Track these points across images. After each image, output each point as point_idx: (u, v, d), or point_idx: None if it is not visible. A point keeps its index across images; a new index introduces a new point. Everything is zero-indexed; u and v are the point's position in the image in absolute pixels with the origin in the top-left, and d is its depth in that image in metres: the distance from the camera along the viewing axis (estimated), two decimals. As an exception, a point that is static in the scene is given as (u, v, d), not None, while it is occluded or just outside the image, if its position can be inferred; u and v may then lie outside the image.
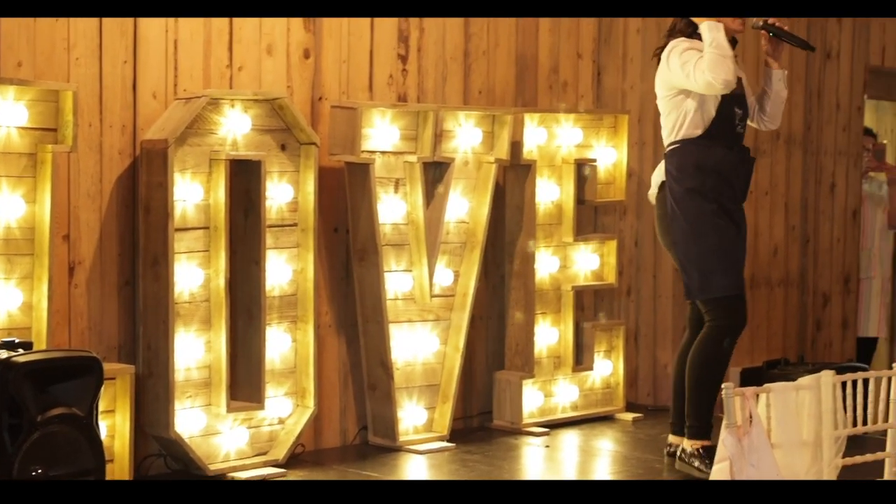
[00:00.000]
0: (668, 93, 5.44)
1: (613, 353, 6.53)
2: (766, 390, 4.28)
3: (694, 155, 5.40)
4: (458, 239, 5.90)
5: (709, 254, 5.41)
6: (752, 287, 7.40)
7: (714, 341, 5.42)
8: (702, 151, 5.39)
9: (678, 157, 5.44)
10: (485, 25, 6.15)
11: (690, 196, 5.40)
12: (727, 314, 5.47)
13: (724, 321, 5.46)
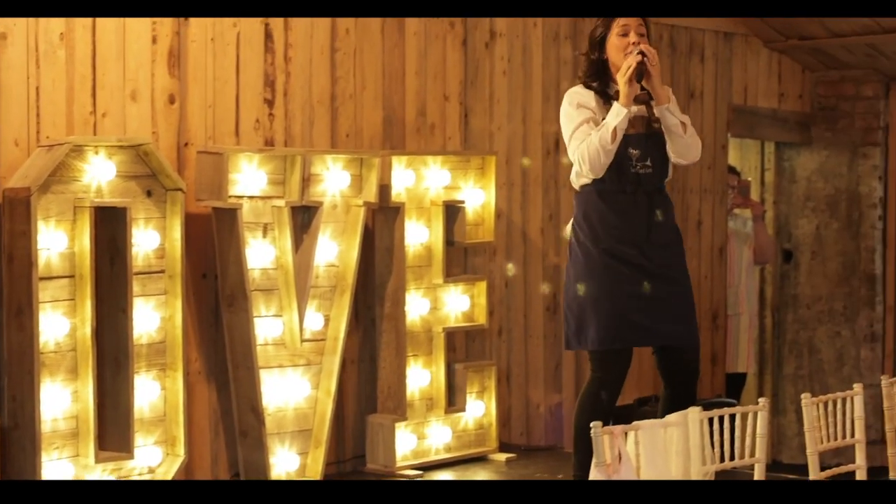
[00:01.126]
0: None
1: (486, 394, 6.65)
2: (634, 428, 4.41)
3: (587, 202, 5.43)
4: (328, 283, 5.99)
5: (588, 304, 5.41)
6: (622, 325, 7.59)
7: (591, 394, 5.44)
8: (590, 198, 5.42)
9: (575, 204, 5.53)
10: (351, 69, 6.27)
11: (578, 242, 5.46)
12: (600, 367, 5.47)
13: (598, 373, 5.48)
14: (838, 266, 8.71)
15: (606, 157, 5.30)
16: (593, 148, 5.28)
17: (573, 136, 5.36)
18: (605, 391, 5.46)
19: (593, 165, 5.29)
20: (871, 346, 8.62)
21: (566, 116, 5.43)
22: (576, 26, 7.27)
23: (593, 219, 5.44)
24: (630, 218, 5.45)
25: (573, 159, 5.37)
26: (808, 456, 5.06)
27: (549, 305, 7.21)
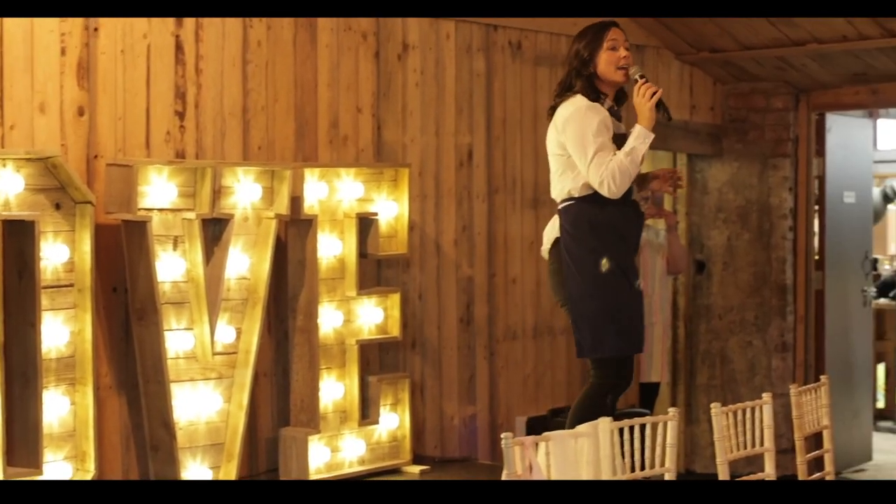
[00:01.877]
0: (560, 152, 5.63)
1: (399, 406, 6.71)
2: (545, 439, 4.49)
3: (588, 213, 5.59)
4: (240, 295, 6.02)
5: (603, 313, 5.59)
6: (536, 336, 7.69)
7: (598, 397, 5.57)
8: (596, 209, 5.58)
9: (572, 215, 5.63)
10: (263, 81, 6.31)
11: (586, 254, 5.60)
12: (616, 373, 5.67)
13: (612, 380, 5.66)
14: (750, 276, 8.86)
15: (631, 180, 5.53)
16: (625, 170, 5.48)
17: (597, 155, 5.48)
18: (612, 395, 5.64)
19: (621, 187, 5.49)
20: (783, 355, 8.78)
21: (590, 134, 5.52)
22: (488, 37, 7.36)
23: (600, 227, 5.59)
24: (630, 228, 5.69)
25: (598, 180, 5.48)
26: (718, 465, 5.18)
27: (463, 317, 7.28)
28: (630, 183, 5.53)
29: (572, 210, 5.64)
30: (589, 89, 5.63)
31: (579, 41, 5.73)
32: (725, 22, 7.87)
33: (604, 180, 5.46)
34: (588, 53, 5.65)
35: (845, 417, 9.14)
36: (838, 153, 9.08)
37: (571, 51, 5.75)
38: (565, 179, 5.65)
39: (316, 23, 6.52)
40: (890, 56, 7.98)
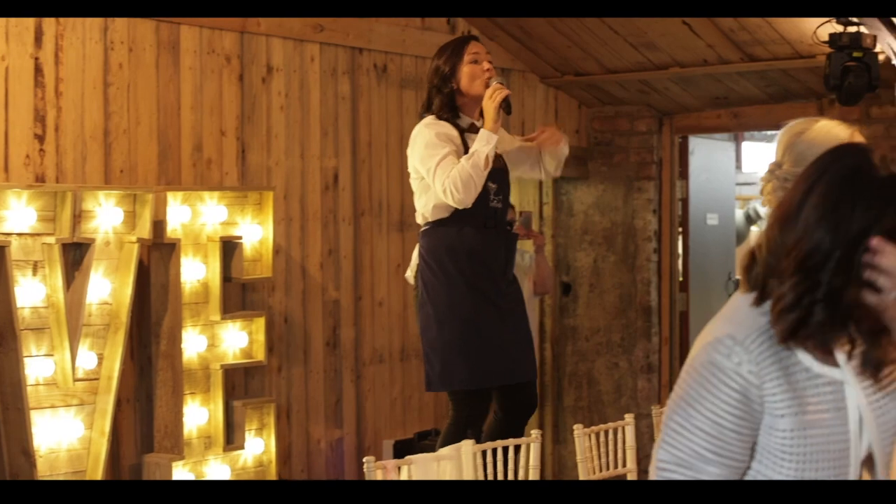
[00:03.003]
0: (416, 175, 5.63)
1: (265, 431, 6.76)
2: (407, 462, 4.59)
3: (443, 237, 5.53)
4: (102, 321, 6.02)
5: (452, 343, 5.53)
6: (403, 359, 7.79)
7: (455, 435, 5.49)
8: (452, 233, 5.52)
9: (428, 240, 5.57)
10: (125, 103, 6.33)
11: (439, 281, 5.52)
12: (467, 406, 5.62)
13: (465, 412, 5.63)
14: (615, 298, 9.05)
15: (479, 185, 5.41)
16: (466, 174, 5.36)
17: (439, 166, 5.42)
18: (472, 429, 5.56)
19: (468, 192, 5.37)
20: (648, 376, 8.97)
21: (428, 148, 5.48)
22: (354, 60, 7.46)
23: (458, 253, 5.54)
24: (493, 252, 5.61)
25: (442, 188, 5.41)
26: (581, 485, 5.32)
27: (329, 341, 7.35)
28: (478, 189, 5.44)
29: (428, 235, 5.63)
30: (448, 106, 5.65)
31: (438, 57, 5.73)
32: (589, 46, 8.07)
33: (447, 188, 5.40)
34: (449, 69, 5.65)
35: (710, 437, 9.36)
36: (701, 175, 9.32)
37: (431, 68, 5.77)
38: (420, 203, 5.66)
39: (178, 45, 6.57)
40: (750, 80, 8.23)
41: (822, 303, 2.45)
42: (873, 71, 7.00)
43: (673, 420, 2.54)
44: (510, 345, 5.68)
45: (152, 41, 6.45)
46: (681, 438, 2.52)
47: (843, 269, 2.43)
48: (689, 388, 2.53)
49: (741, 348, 2.50)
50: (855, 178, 2.46)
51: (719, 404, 2.49)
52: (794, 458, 2.52)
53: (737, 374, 2.48)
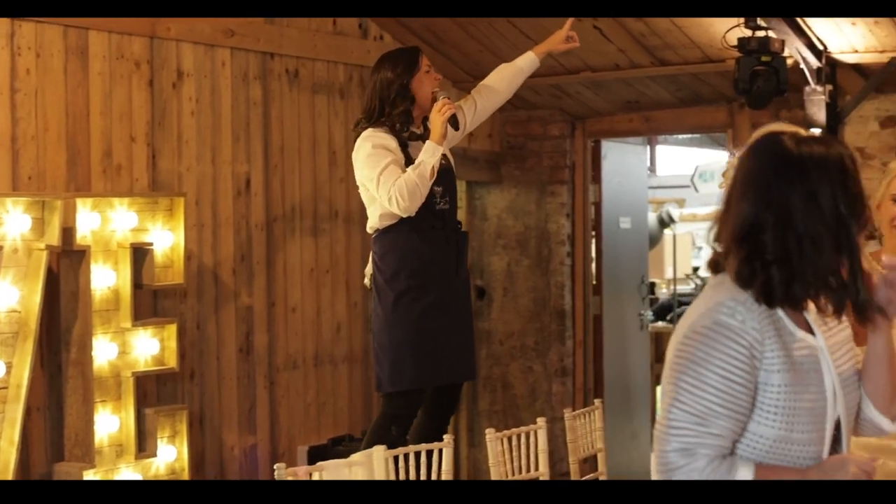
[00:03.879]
0: (362, 184, 5.78)
1: (177, 439, 6.77)
2: (318, 469, 4.64)
3: (392, 242, 5.71)
4: (10, 329, 6.01)
5: (401, 344, 5.69)
6: (317, 365, 7.83)
7: (381, 429, 5.64)
8: (400, 238, 5.70)
9: (379, 244, 5.75)
10: (32, 109, 6.32)
11: (390, 283, 5.70)
12: (404, 405, 5.76)
13: (399, 411, 5.75)
14: (529, 302, 9.14)
15: (424, 194, 5.62)
16: (412, 183, 5.55)
17: (382, 175, 5.61)
18: (396, 427, 5.71)
19: (413, 201, 5.58)
20: (563, 380, 9.08)
21: (370, 157, 5.67)
22: (265, 65, 7.49)
23: (407, 256, 5.71)
24: (443, 254, 5.79)
25: (387, 196, 5.60)
26: (493, 489, 5.39)
27: (242, 347, 7.38)
28: (422, 197, 5.64)
29: (378, 240, 5.83)
30: (403, 117, 5.80)
31: (393, 67, 5.87)
32: (501, 50, 8.14)
33: (392, 196, 5.59)
34: (408, 78, 5.83)
35: (624, 439, 9.50)
36: (614, 179, 9.44)
37: (382, 77, 5.88)
38: (371, 210, 5.85)
39: (87, 50, 6.57)
40: (661, 84, 8.36)
41: (776, 265, 2.79)
42: (782, 75, 7.15)
43: (683, 381, 2.80)
44: (458, 344, 5.89)
45: (60, 46, 6.45)
46: (693, 397, 2.77)
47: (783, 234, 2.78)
48: (696, 350, 2.80)
49: (744, 308, 2.81)
50: (770, 156, 2.85)
51: (729, 360, 2.77)
52: (784, 413, 2.81)
53: (743, 330, 2.79)
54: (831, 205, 2.79)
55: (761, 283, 2.81)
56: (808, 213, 2.79)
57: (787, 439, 2.82)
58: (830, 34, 7.30)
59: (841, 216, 2.80)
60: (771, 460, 2.83)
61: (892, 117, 7.98)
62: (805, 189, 2.79)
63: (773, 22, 7.00)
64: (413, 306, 5.71)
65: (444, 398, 5.96)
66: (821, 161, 2.82)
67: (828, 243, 2.79)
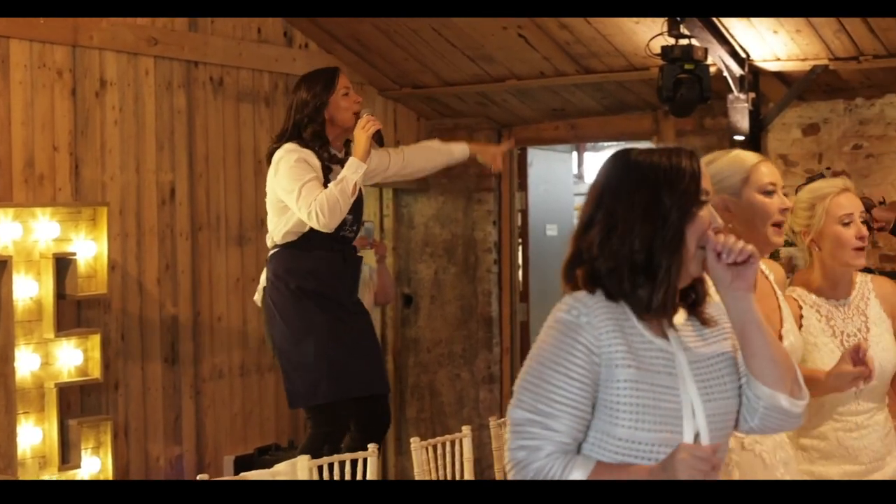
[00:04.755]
0: (273, 198, 5.79)
1: (101, 450, 6.76)
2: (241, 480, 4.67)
3: (291, 260, 5.75)
4: (-69, 341, 5.99)
5: (314, 360, 5.73)
6: (243, 374, 7.84)
7: (315, 449, 5.63)
8: (299, 257, 5.76)
9: (276, 263, 5.78)
10: (-47, 119, 6.31)
11: (291, 302, 5.73)
12: (329, 421, 5.78)
13: (325, 428, 5.77)
14: (457, 309, 9.20)
15: (345, 211, 5.67)
16: (334, 199, 5.60)
17: (304, 188, 5.64)
18: (328, 445, 5.70)
19: (333, 216, 5.61)
20: (490, 387, 9.13)
21: (292, 169, 5.69)
22: (189, 74, 7.50)
23: (306, 275, 5.76)
24: (340, 276, 5.86)
25: (307, 211, 5.63)
26: (419, 497, 5.43)
27: (168, 357, 7.38)
28: (343, 214, 5.69)
29: (277, 257, 5.85)
30: (318, 135, 5.84)
31: (310, 88, 5.93)
32: (426, 58, 8.21)
33: (312, 210, 5.62)
34: (322, 100, 5.87)
35: (552, 446, 9.55)
36: (540, 187, 9.51)
37: (298, 98, 5.94)
38: (273, 225, 5.87)
39: (8, 59, 6.56)
40: (586, 92, 8.45)
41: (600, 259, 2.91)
42: (705, 83, 7.24)
43: (524, 380, 2.89)
44: (365, 358, 5.94)
45: (-19, 55, 6.44)
46: (531, 395, 2.85)
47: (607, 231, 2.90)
48: (539, 349, 2.89)
49: (581, 304, 2.89)
50: (611, 167, 3.00)
51: (565, 356, 2.84)
52: (629, 410, 2.86)
53: (578, 325, 2.86)
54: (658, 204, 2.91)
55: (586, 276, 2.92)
56: (632, 212, 2.91)
57: (634, 438, 2.86)
58: (753, 42, 7.42)
59: (667, 216, 2.92)
60: (623, 461, 2.88)
61: (815, 125, 8.11)
62: (634, 187, 2.92)
63: (696, 30, 7.11)
64: (316, 322, 5.79)
65: (370, 411, 6.00)
66: (656, 165, 2.95)
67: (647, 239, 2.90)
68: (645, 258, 2.90)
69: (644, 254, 2.90)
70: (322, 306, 5.80)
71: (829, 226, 4.32)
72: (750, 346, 3.02)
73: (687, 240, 2.93)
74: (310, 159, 5.78)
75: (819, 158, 8.12)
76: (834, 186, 4.38)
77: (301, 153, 5.77)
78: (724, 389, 3.01)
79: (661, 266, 2.90)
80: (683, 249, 2.93)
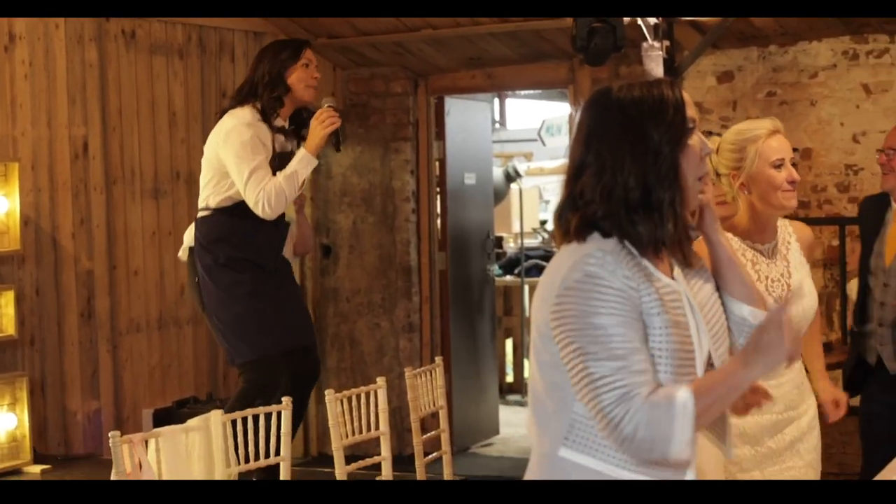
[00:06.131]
0: (215, 159, 5.80)
1: (18, 406, 6.78)
2: (154, 435, 4.67)
3: (223, 228, 5.81)
4: None
5: (243, 318, 5.83)
6: (161, 327, 7.86)
7: (245, 404, 5.69)
8: (232, 225, 5.83)
9: (208, 228, 5.82)
10: None
11: (219, 264, 5.79)
12: (260, 375, 5.85)
13: (256, 382, 5.84)
14: (376, 259, 9.25)
15: (290, 202, 5.81)
16: (281, 192, 5.72)
17: (253, 175, 5.70)
18: (261, 399, 5.71)
19: (279, 208, 5.76)
20: (410, 336, 9.21)
21: (244, 150, 5.73)
22: (100, 27, 7.47)
23: (234, 239, 5.85)
24: (267, 240, 5.95)
25: (254, 200, 5.71)
26: (334, 451, 5.48)
27: (84, 311, 7.39)
28: (286, 206, 5.82)
29: (207, 221, 5.90)
30: (273, 103, 5.87)
31: (276, 54, 5.96)
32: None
33: (259, 201, 5.71)
34: (284, 69, 5.91)
35: (473, 393, 9.67)
36: (458, 136, 9.55)
37: (263, 63, 5.96)
38: (208, 189, 5.90)
39: (-86, 15, 6.51)
40: (502, 41, 8.49)
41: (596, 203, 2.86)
42: (618, 31, 7.28)
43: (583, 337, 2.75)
44: (293, 311, 6.07)
45: None
46: (600, 346, 2.74)
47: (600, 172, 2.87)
48: (577, 305, 2.77)
49: (611, 257, 2.81)
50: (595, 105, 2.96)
51: (614, 303, 2.76)
52: (668, 356, 2.80)
53: (615, 277, 2.79)
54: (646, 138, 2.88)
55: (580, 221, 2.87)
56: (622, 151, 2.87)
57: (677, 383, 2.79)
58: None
59: (658, 150, 2.88)
60: None
61: (729, 72, 8.21)
62: (620, 125, 2.89)
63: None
64: (243, 281, 5.88)
65: (301, 363, 6.09)
66: (638, 99, 2.91)
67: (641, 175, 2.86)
68: (641, 195, 2.85)
69: (640, 190, 2.85)
70: (248, 269, 5.90)
71: (762, 169, 4.25)
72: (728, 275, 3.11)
73: (683, 170, 2.90)
74: (262, 136, 5.81)
75: (734, 106, 8.24)
76: (764, 129, 4.32)
77: (255, 128, 5.80)
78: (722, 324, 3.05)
79: (662, 200, 2.86)
80: (681, 180, 2.90)
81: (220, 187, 5.88)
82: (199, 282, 5.92)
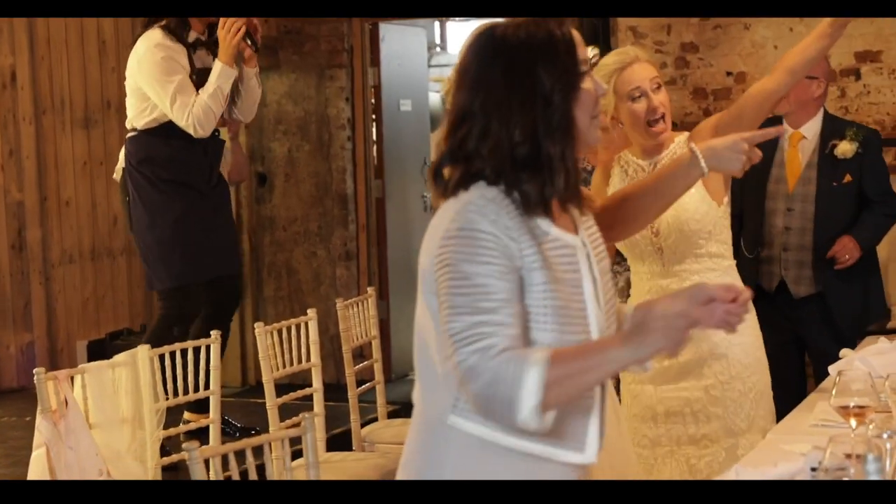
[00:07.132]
0: (134, 85, 5.77)
1: (-52, 340, 6.78)
2: (80, 371, 4.66)
3: (151, 146, 5.80)
4: None
5: (167, 244, 5.81)
6: (94, 258, 7.84)
7: (161, 330, 5.72)
8: (160, 143, 5.80)
9: (135, 147, 5.79)
10: None
11: (149, 184, 5.77)
12: (178, 303, 5.86)
13: (174, 310, 5.85)
14: (312, 187, 9.22)
15: (218, 117, 5.82)
16: (208, 110, 5.72)
17: (177, 97, 5.68)
18: (178, 326, 5.81)
19: (209, 127, 5.78)
20: (347, 264, 9.21)
21: (161, 74, 5.71)
22: (27, -45, 7.37)
23: (164, 160, 5.84)
24: (198, 160, 5.94)
25: (185, 122, 5.71)
26: (265, 383, 5.48)
27: (14, 243, 7.35)
28: (216, 121, 5.83)
29: (136, 141, 5.88)
30: (178, 21, 5.83)
31: None
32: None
33: (191, 124, 5.72)
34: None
35: (410, 320, 9.66)
36: (394, 62, 9.50)
37: None
38: (133, 110, 5.86)
39: None
40: None
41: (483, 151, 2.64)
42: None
43: (452, 289, 2.57)
44: (218, 237, 6.05)
45: None
46: (466, 298, 2.56)
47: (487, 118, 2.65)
48: (455, 254, 2.58)
49: (493, 206, 2.63)
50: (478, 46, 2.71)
51: (491, 255, 2.58)
52: (551, 313, 2.63)
53: (494, 227, 2.60)
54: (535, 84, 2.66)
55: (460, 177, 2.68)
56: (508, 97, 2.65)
57: (562, 342, 2.63)
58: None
59: (549, 98, 2.66)
60: None
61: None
62: (506, 69, 2.65)
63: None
64: (174, 206, 5.87)
65: (219, 292, 6.09)
66: (524, 40, 2.67)
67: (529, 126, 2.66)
68: (530, 149, 2.65)
69: (528, 145, 2.65)
70: (179, 192, 5.88)
71: (621, 104, 4.14)
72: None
73: (577, 119, 2.69)
74: (176, 54, 5.77)
75: (668, 30, 8.24)
76: (619, 62, 4.16)
77: (167, 49, 5.76)
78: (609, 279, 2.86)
79: (552, 156, 2.65)
80: (574, 130, 2.68)
81: (144, 111, 5.85)
82: (130, 202, 5.90)
